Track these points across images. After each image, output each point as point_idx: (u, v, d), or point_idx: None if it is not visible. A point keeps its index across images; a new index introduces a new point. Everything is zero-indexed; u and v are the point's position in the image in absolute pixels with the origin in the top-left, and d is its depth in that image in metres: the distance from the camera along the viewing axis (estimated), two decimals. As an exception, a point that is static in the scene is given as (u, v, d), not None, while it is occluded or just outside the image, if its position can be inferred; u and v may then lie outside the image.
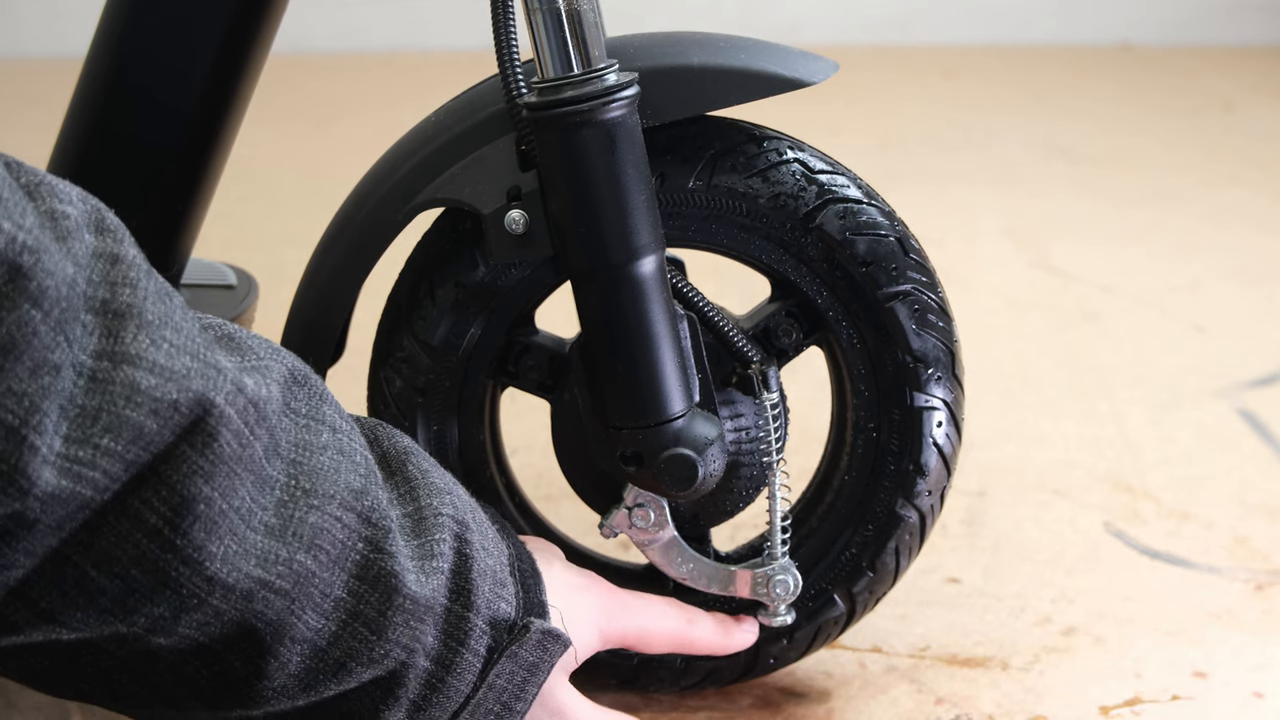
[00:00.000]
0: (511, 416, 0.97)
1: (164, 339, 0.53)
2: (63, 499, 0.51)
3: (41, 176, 0.53)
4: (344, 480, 0.62)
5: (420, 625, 0.64)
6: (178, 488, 0.54)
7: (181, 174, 0.87)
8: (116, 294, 0.53)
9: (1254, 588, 1.01)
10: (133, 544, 0.54)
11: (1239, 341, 1.46)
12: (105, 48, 0.84)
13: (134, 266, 0.54)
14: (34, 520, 0.51)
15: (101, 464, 0.51)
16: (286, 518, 0.59)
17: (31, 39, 2.96)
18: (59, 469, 0.50)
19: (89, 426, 0.51)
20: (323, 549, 0.60)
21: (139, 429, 0.52)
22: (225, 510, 0.56)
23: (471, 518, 0.69)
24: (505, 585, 0.70)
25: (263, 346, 0.61)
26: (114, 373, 0.52)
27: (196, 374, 0.54)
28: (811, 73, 0.78)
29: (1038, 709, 0.87)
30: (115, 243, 0.54)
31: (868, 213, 0.80)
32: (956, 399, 0.83)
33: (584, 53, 0.72)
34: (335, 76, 2.78)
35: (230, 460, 0.55)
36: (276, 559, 0.58)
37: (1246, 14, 3.01)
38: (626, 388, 0.76)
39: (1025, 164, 2.15)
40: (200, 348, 0.55)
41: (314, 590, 0.60)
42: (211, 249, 1.05)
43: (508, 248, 0.76)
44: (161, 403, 0.52)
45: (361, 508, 0.62)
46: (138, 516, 0.54)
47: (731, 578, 0.83)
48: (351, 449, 0.63)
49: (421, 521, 0.66)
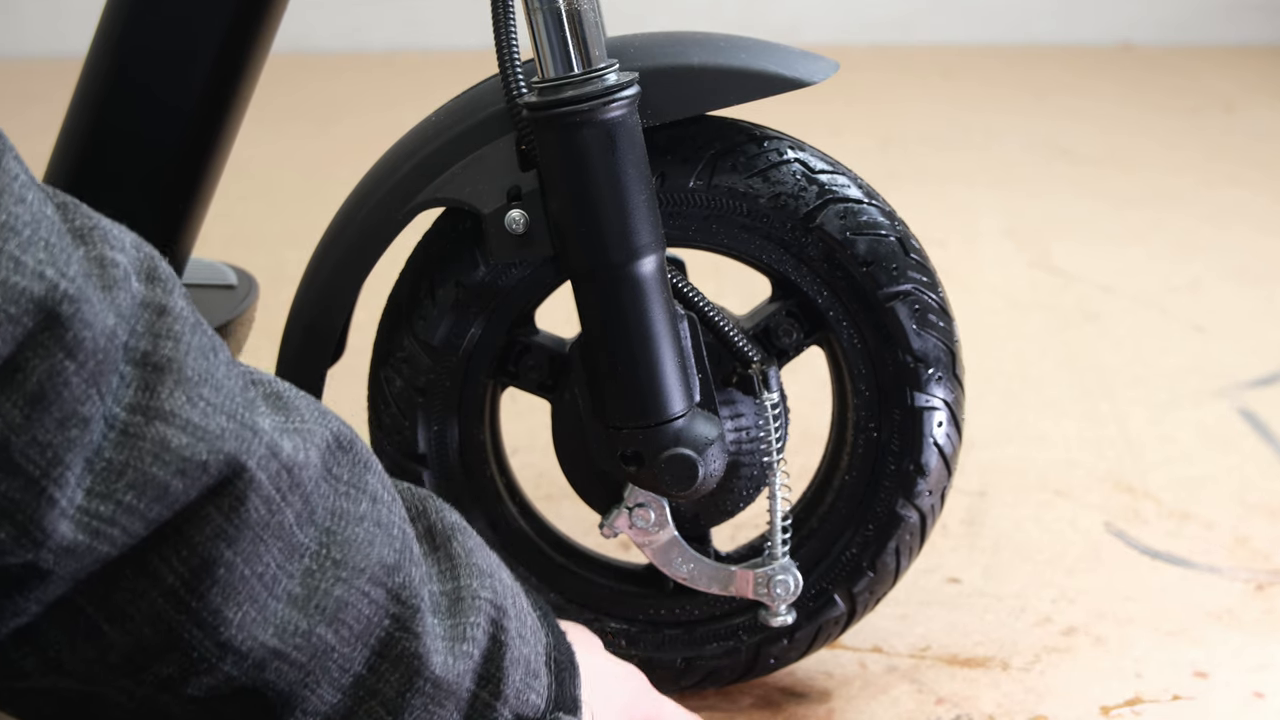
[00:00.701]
0: (512, 416, 0.97)
1: (201, 396, 0.52)
2: (79, 553, 0.50)
3: (96, 220, 0.53)
4: (377, 554, 0.60)
5: (440, 709, 0.62)
6: (199, 549, 0.53)
7: (182, 173, 0.87)
8: (158, 346, 0.52)
9: (1254, 588, 1.01)
10: (148, 602, 0.53)
11: (1239, 341, 1.46)
12: (106, 47, 0.84)
13: (180, 319, 0.53)
14: (48, 571, 0.50)
15: (121, 521, 0.51)
16: (312, 589, 0.58)
17: (33, 38, 2.96)
18: (77, 523, 0.50)
19: (114, 481, 0.50)
20: (346, 623, 0.59)
21: (164, 488, 0.51)
22: (247, 576, 0.55)
23: (511, 604, 0.67)
24: (538, 676, 0.68)
25: (310, 408, 0.60)
26: (146, 428, 0.51)
27: (231, 435, 0.53)
28: (812, 72, 0.78)
29: (1038, 709, 0.87)
30: (165, 293, 0.53)
31: (868, 212, 0.80)
32: (957, 399, 0.83)
33: (584, 52, 0.72)
34: (336, 76, 2.78)
35: (256, 526, 0.55)
36: (295, 630, 0.57)
37: (1247, 14, 3.01)
38: (627, 387, 0.76)
39: (1026, 164, 2.15)
40: (239, 408, 0.54)
41: (331, 665, 0.59)
42: (212, 248, 1.05)
43: (508, 247, 0.76)
44: (190, 462, 0.52)
45: (392, 584, 0.61)
46: (155, 575, 0.53)
47: (732, 578, 0.83)
48: (390, 521, 0.62)
49: (458, 602, 0.64)
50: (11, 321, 0.47)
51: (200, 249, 0.95)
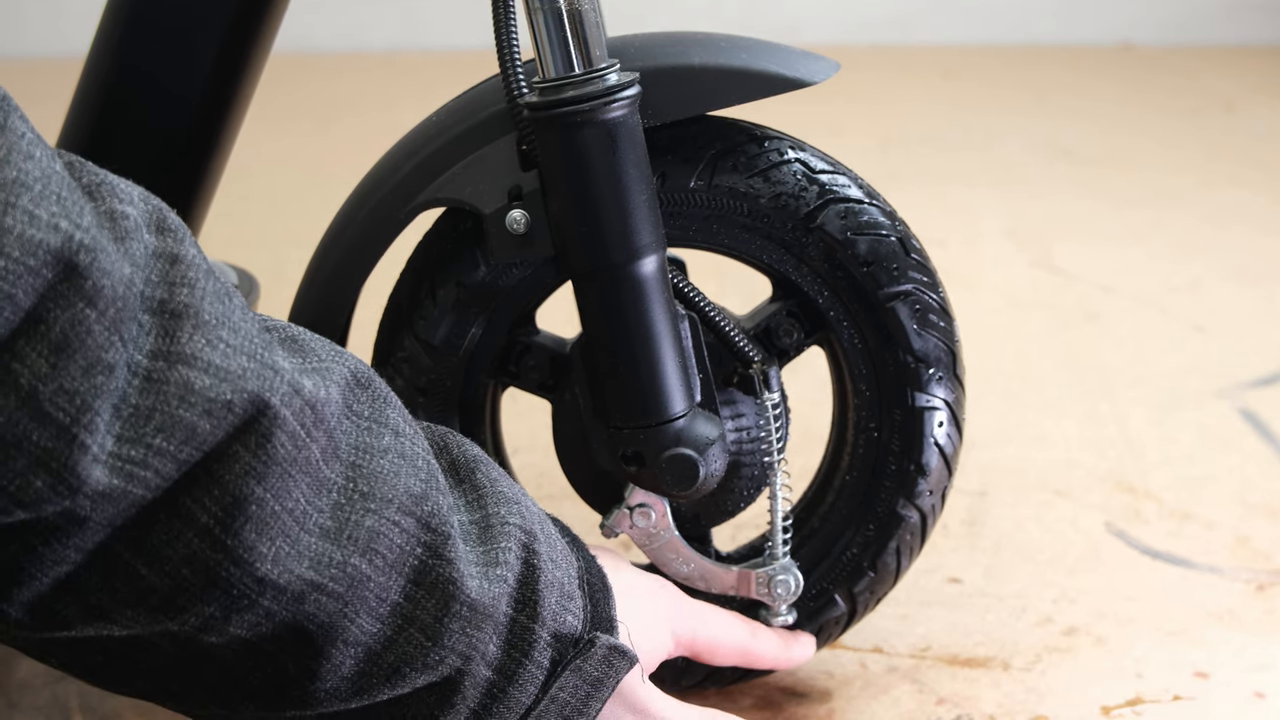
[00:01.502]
0: (512, 416, 0.97)
1: (220, 339, 0.53)
2: (114, 497, 0.51)
3: (103, 176, 0.54)
4: (404, 484, 0.61)
5: (478, 633, 0.63)
6: (230, 487, 0.54)
7: (183, 173, 0.87)
8: (174, 294, 0.53)
9: (1255, 588, 1.01)
10: (184, 543, 0.54)
11: (1240, 341, 1.46)
12: (106, 48, 0.85)
13: (193, 266, 0.54)
14: (85, 518, 0.51)
15: (154, 463, 0.51)
16: (343, 520, 0.59)
17: (34, 38, 2.96)
18: (110, 468, 0.50)
19: (142, 426, 0.51)
20: (379, 553, 0.59)
21: (192, 429, 0.52)
22: (278, 511, 0.56)
23: (540, 529, 0.68)
24: (573, 598, 0.68)
25: (325, 348, 0.61)
26: (169, 373, 0.52)
27: (252, 374, 0.54)
28: (812, 72, 0.78)
29: (1039, 709, 0.87)
30: (176, 243, 0.54)
31: (869, 212, 0.80)
32: (958, 399, 0.83)
33: (585, 52, 0.72)
34: (336, 76, 2.78)
35: (284, 461, 0.55)
36: (330, 562, 0.58)
37: (1247, 14, 3.01)
38: (628, 387, 0.76)
39: (1026, 164, 2.15)
40: (258, 348, 0.55)
41: (369, 594, 0.59)
42: (213, 248, 1.05)
43: (509, 248, 0.76)
44: (215, 403, 0.52)
45: (421, 513, 0.61)
46: (189, 515, 0.54)
47: (733, 578, 0.83)
48: (414, 453, 0.62)
49: (488, 529, 0.65)
50: (31, 274, 0.47)
51: (201, 248, 0.94)
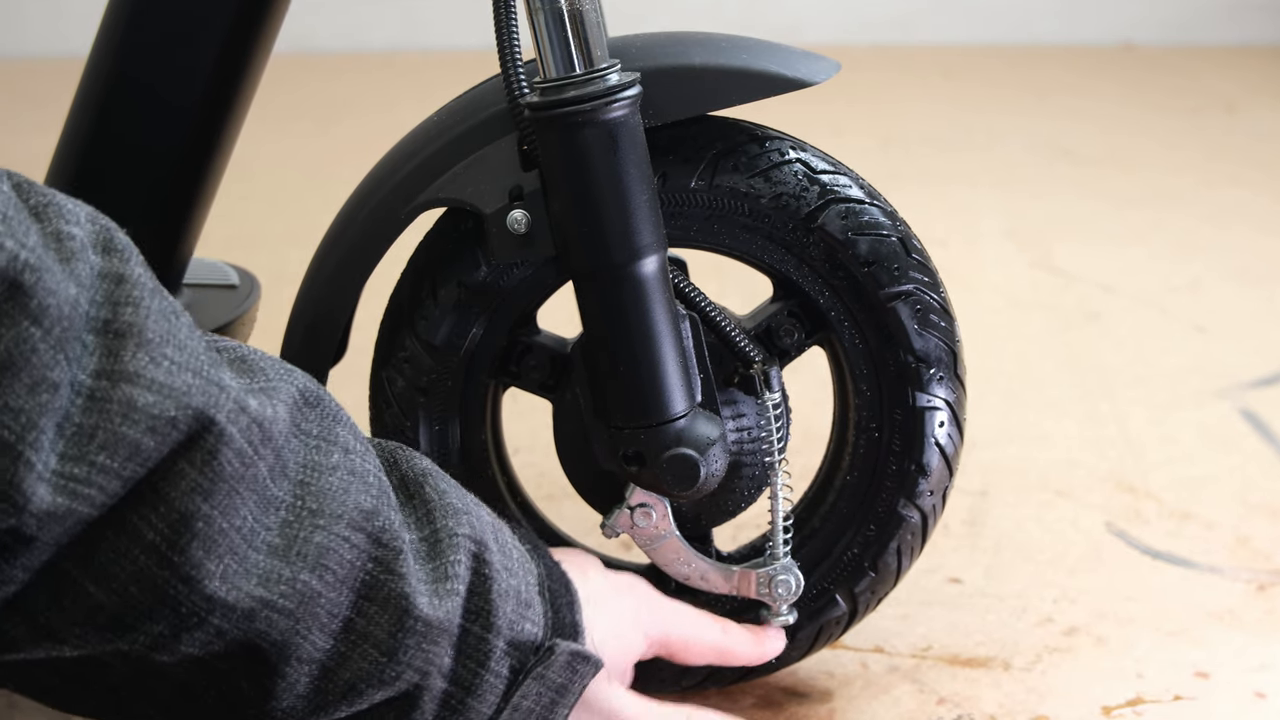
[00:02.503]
0: (513, 416, 0.97)
1: (165, 356, 0.53)
2: (59, 515, 0.51)
3: (50, 197, 0.54)
4: (354, 500, 0.61)
5: (434, 647, 0.63)
6: (176, 504, 0.54)
7: (184, 173, 0.87)
8: (119, 313, 0.53)
9: (1256, 588, 1.01)
10: (130, 560, 0.54)
11: (1240, 342, 1.46)
12: (107, 48, 0.85)
13: (138, 285, 0.54)
14: (31, 537, 0.51)
15: (98, 481, 0.51)
16: (291, 538, 0.58)
17: (34, 38, 2.96)
18: (55, 486, 0.50)
19: (85, 444, 0.51)
20: (329, 569, 0.59)
21: (136, 446, 0.52)
22: (225, 529, 0.55)
23: (493, 538, 0.68)
24: (531, 606, 0.68)
25: (274, 368, 0.61)
26: (112, 391, 0.52)
27: (198, 391, 0.54)
28: (813, 72, 0.78)
29: (1040, 709, 0.87)
30: (122, 262, 0.54)
31: (870, 213, 0.80)
32: (958, 399, 0.83)
33: (586, 52, 0.72)
34: (336, 76, 2.78)
35: (231, 479, 0.55)
36: (279, 578, 0.58)
37: (1248, 14, 3.01)
38: (628, 387, 0.76)
39: (1027, 164, 2.15)
40: (204, 365, 0.55)
41: (320, 611, 0.59)
42: (214, 248, 1.05)
43: (510, 248, 0.76)
44: (159, 419, 0.52)
45: (371, 528, 0.61)
46: (136, 533, 0.54)
47: (733, 578, 0.83)
48: (364, 470, 0.62)
49: (437, 545, 0.65)
50: None
51: (202, 249, 0.95)
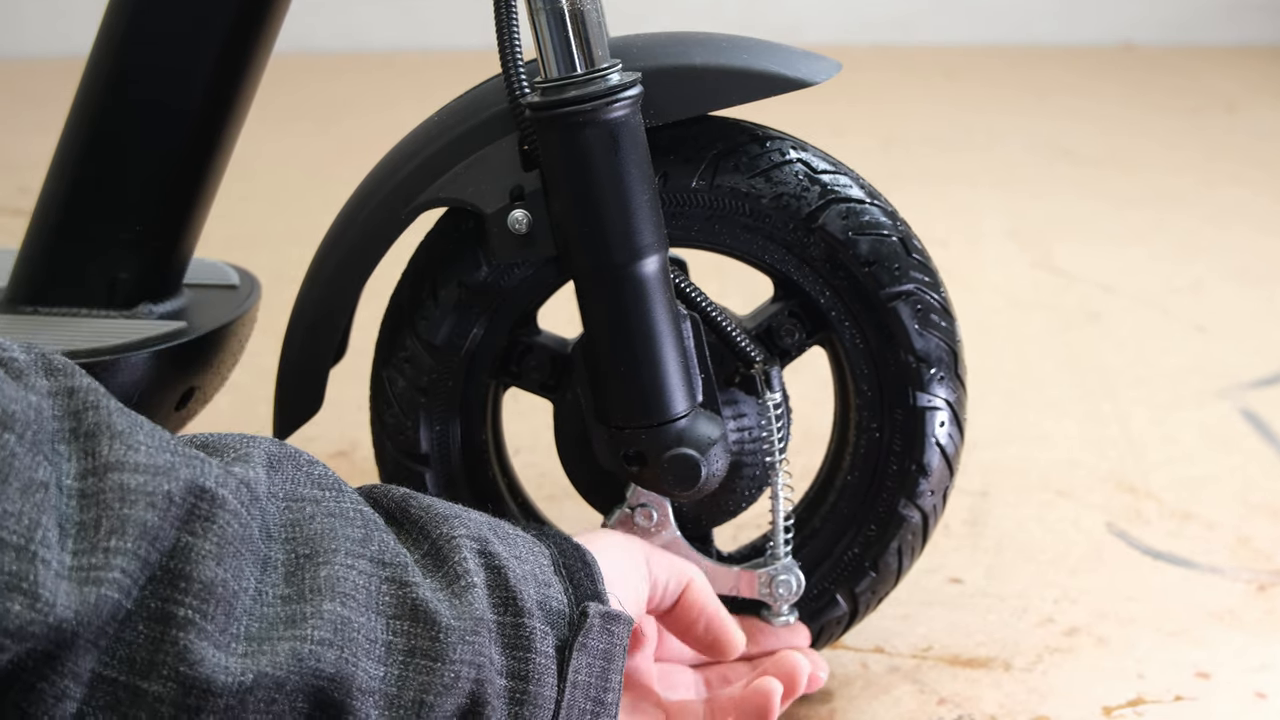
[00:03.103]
0: (514, 416, 0.97)
1: (139, 443, 0.55)
2: (90, 605, 0.51)
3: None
4: (343, 534, 0.62)
5: (477, 639, 0.63)
6: (195, 576, 0.55)
7: (184, 174, 0.87)
8: (82, 420, 0.55)
9: (1256, 588, 1.01)
10: (172, 642, 0.54)
11: (1241, 342, 1.46)
12: (108, 48, 0.85)
13: (91, 391, 0.56)
14: (71, 635, 0.51)
15: (116, 563, 0.52)
16: (299, 583, 0.59)
17: (34, 38, 2.96)
18: (74, 580, 0.51)
19: (93, 536, 0.52)
20: (348, 595, 0.59)
21: (142, 524, 0.53)
22: (238, 592, 0.56)
23: (491, 533, 0.68)
24: (551, 585, 0.68)
25: (238, 440, 0.62)
26: (102, 483, 0.53)
27: (181, 464, 0.55)
28: (814, 72, 0.78)
29: (1040, 709, 0.87)
30: (67, 378, 0.56)
31: (870, 212, 0.80)
32: (959, 398, 0.83)
33: (587, 52, 0.72)
34: (337, 76, 2.78)
35: (234, 540, 0.56)
36: (305, 616, 0.58)
37: (1249, 14, 3.01)
38: (629, 388, 0.76)
39: (1028, 164, 2.15)
40: (177, 445, 0.57)
41: (358, 636, 0.59)
42: (214, 248, 1.05)
43: (510, 248, 0.76)
44: (155, 495, 0.54)
45: (370, 553, 0.62)
46: (169, 616, 0.54)
47: (734, 578, 0.83)
48: (342, 509, 0.63)
49: (439, 553, 0.65)
50: None
51: (202, 249, 0.95)
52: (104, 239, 0.87)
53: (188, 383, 0.88)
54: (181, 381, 0.87)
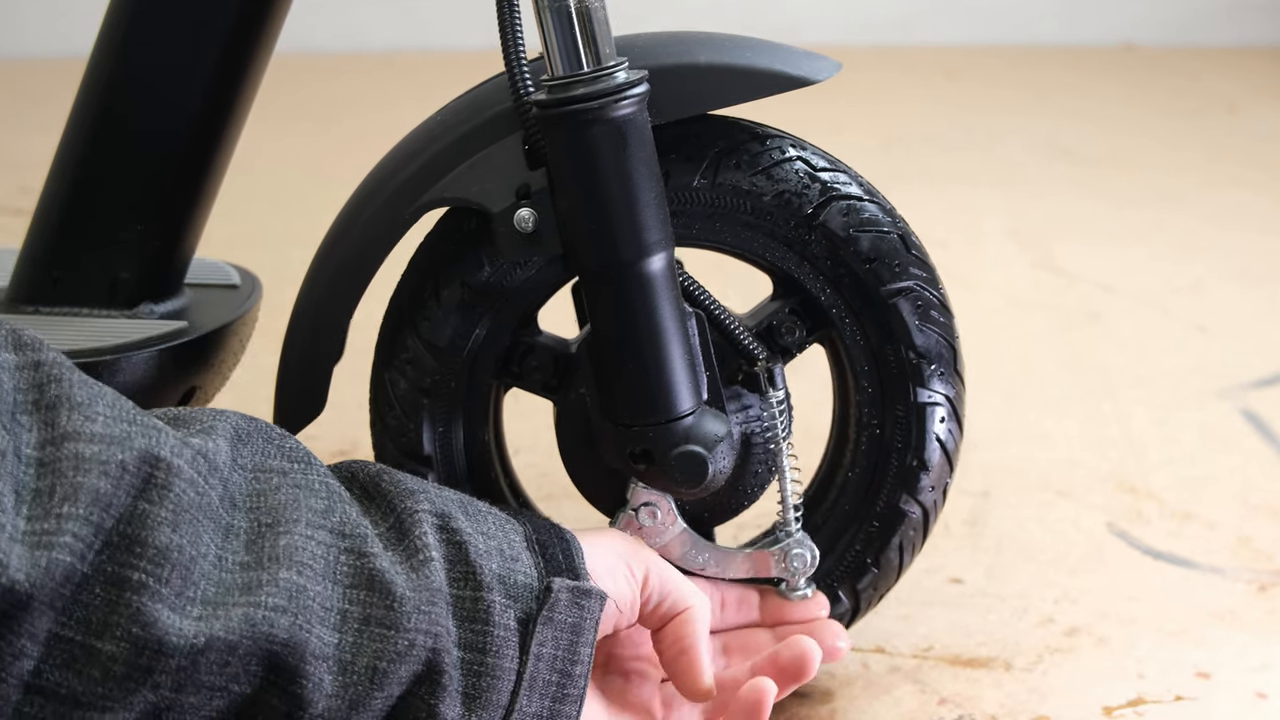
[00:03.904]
0: (515, 416, 0.97)
1: (98, 413, 0.57)
2: (44, 569, 0.53)
3: None
4: (305, 505, 0.63)
5: (433, 609, 0.64)
6: (149, 541, 0.56)
7: (185, 173, 0.87)
8: (45, 392, 0.57)
9: (1257, 588, 1.01)
10: (126, 605, 0.56)
11: (1242, 342, 1.46)
12: (109, 48, 0.85)
13: (56, 365, 0.58)
14: (26, 597, 0.53)
15: (69, 528, 0.54)
16: (258, 551, 0.61)
17: (34, 38, 2.96)
18: (29, 544, 0.53)
19: (47, 502, 0.54)
20: (305, 564, 0.61)
21: (94, 492, 0.55)
22: (195, 557, 0.58)
23: (458, 509, 0.69)
24: (518, 559, 0.69)
25: (206, 414, 0.64)
26: (58, 452, 0.55)
27: (138, 434, 0.57)
28: (814, 71, 0.78)
29: (1041, 709, 0.87)
30: (34, 352, 0.58)
31: (870, 210, 0.80)
32: (958, 394, 0.83)
33: (594, 50, 0.72)
34: (338, 76, 2.78)
35: (190, 508, 0.58)
36: (260, 583, 0.59)
37: (1250, 14, 3.01)
38: (636, 385, 0.76)
39: (1028, 164, 2.15)
40: (136, 415, 0.58)
41: (312, 604, 0.61)
42: (215, 248, 1.05)
43: (517, 246, 0.76)
44: (109, 464, 0.55)
45: (330, 524, 0.64)
46: (123, 579, 0.56)
47: (749, 560, 0.83)
48: (308, 482, 0.65)
49: (401, 527, 0.67)
50: None
51: (203, 248, 0.94)
52: (105, 238, 0.87)
53: (189, 382, 0.88)
54: (182, 381, 0.87)
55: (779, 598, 0.84)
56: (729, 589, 0.84)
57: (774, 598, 0.84)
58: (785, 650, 0.77)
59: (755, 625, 0.84)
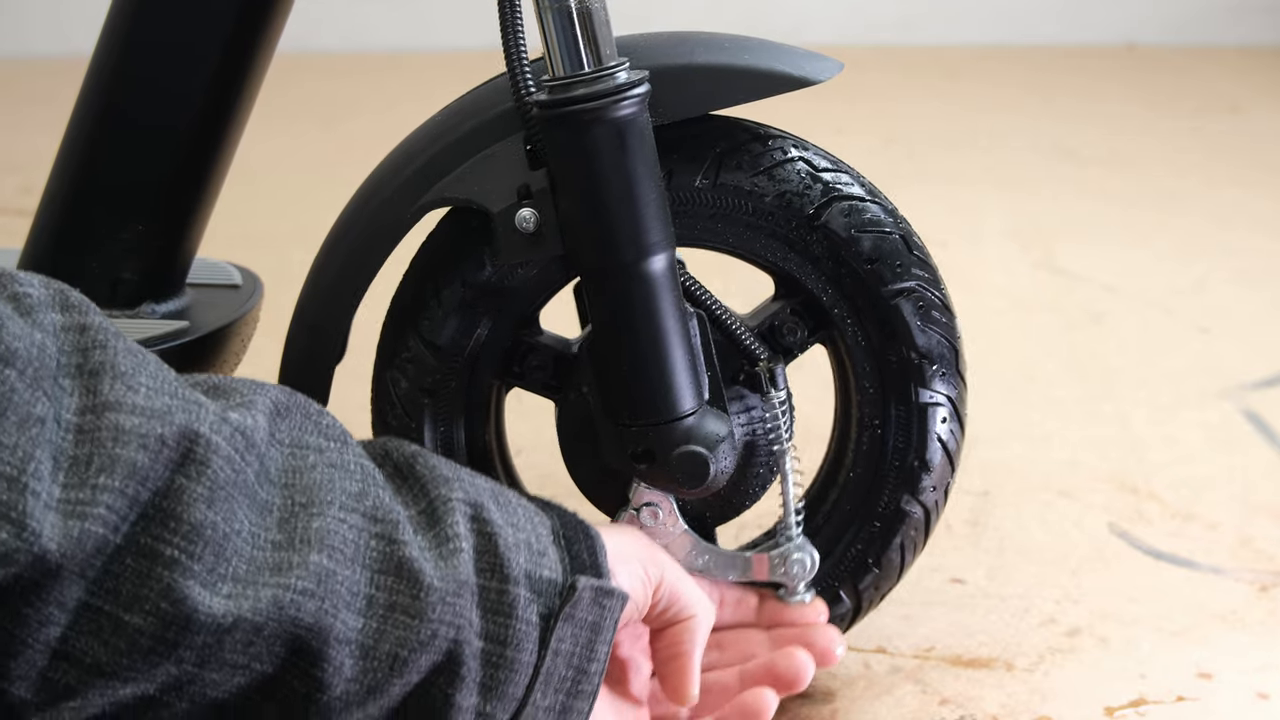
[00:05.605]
0: (516, 416, 0.97)
1: (140, 384, 0.57)
2: (76, 539, 0.53)
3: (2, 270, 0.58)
4: (340, 487, 0.63)
5: (459, 601, 0.64)
6: (184, 517, 0.56)
7: (187, 173, 0.87)
8: (89, 357, 0.57)
9: (1258, 589, 1.01)
10: (156, 579, 0.56)
11: (1244, 342, 1.46)
12: (110, 48, 0.85)
13: (101, 330, 0.58)
14: (57, 566, 0.53)
15: (103, 500, 0.54)
16: (290, 531, 0.61)
17: (35, 38, 2.96)
18: (63, 513, 0.53)
19: (83, 471, 0.54)
20: (335, 549, 0.61)
21: (132, 464, 0.55)
22: (229, 534, 0.58)
23: (490, 499, 0.69)
24: (545, 554, 0.69)
25: (246, 385, 0.64)
26: (99, 421, 0.55)
27: (178, 409, 0.57)
28: (816, 71, 0.78)
29: (1042, 709, 0.87)
30: (81, 315, 0.58)
31: (872, 210, 0.80)
32: (960, 394, 0.83)
33: (595, 51, 0.72)
34: (340, 76, 2.78)
35: (227, 485, 0.58)
36: (290, 565, 0.60)
37: (1252, 15, 3.00)
38: (638, 385, 0.76)
39: (1030, 165, 2.15)
40: (178, 388, 0.58)
41: (340, 588, 0.61)
42: (217, 248, 1.05)
43: (518, 246, 0.76)
44: (148, 438, 0.55)
45: (364, 508, 0.64)
46: (154, 552, 0.56)
47: (749, 563, 0.83)
48: (344, 461, 0.65)
49: (433, 513, 0.67)
50: None
51: (205, 248, 0.95)
52: (107, 239, 0.87)
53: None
54: (184, 381, 0.87)
55: (777, 600, 0.84)
56: (728, 587, 0.85)
57: (772, 600, 0.84)
58: (780, 660, 0.78)
59: (752, 625, 0.84)
